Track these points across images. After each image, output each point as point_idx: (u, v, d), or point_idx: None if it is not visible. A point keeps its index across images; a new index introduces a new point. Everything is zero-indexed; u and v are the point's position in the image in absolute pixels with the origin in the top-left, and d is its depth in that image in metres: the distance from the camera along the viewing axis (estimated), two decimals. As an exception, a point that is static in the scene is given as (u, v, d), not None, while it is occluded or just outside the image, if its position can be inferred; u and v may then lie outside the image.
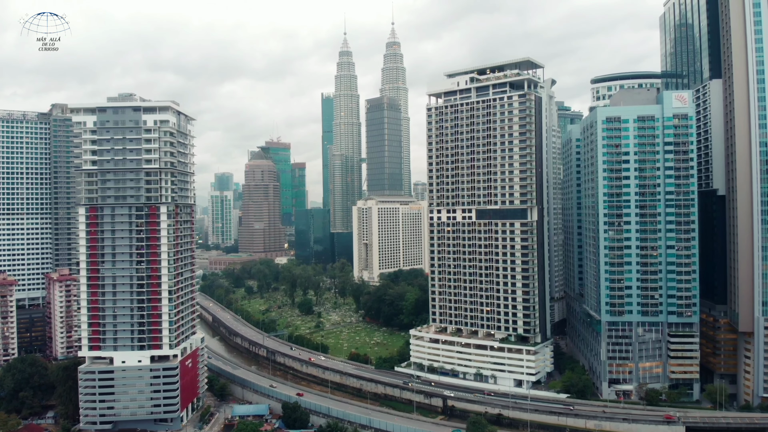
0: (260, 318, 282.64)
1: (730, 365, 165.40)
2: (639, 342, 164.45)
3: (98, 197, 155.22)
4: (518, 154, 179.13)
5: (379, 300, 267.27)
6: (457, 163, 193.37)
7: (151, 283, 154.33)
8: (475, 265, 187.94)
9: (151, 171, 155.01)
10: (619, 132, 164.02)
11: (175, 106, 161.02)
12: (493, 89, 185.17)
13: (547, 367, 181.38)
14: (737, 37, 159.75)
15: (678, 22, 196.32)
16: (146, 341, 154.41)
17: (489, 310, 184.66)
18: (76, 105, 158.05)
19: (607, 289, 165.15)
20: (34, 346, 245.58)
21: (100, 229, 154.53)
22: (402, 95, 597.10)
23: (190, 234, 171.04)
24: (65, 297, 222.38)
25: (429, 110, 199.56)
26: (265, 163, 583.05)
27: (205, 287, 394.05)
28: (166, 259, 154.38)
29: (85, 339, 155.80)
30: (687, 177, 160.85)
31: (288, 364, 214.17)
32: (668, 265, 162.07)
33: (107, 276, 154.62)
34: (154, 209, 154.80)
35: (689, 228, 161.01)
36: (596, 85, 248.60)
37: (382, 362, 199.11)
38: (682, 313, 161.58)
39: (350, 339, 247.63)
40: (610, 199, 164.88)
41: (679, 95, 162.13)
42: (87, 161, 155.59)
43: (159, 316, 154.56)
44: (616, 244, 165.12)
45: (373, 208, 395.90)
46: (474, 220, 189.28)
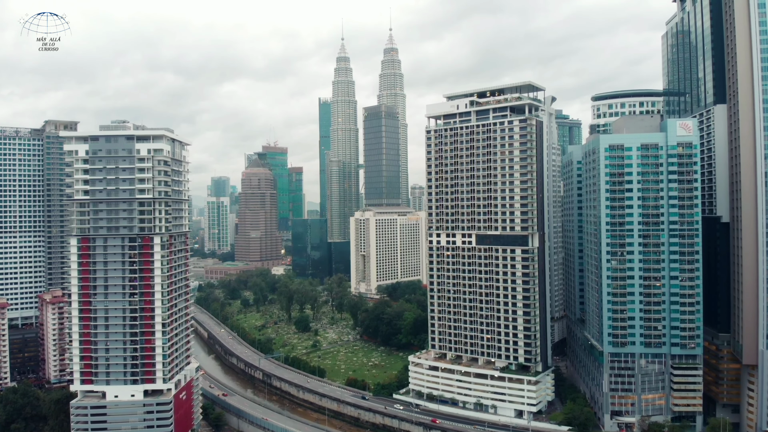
0: (256, 336, 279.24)
1: (733, 395, 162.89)
2: (642, 374, 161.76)
3: (90, 227, 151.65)
4: (519, 180, 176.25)
5: (377, 318, 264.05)
6: (456, 187, 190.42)
7: (145, 315, 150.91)
8: (475, 291, 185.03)
9: (145, 201, 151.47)
10: (622, 160, 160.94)
11: (169, 134, 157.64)
12: (494, 113, 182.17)
13: (548, 396, 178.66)
14: (743, 63, 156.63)
15: (681, 42, 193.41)
16: (139, 375, 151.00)
17: (489, 338, 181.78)
18: (68, 134, 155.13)
19: (609, 320, 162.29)
20: (27, 368, 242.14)
21: (93, 260, 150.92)
22: (400, 101, 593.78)
23: (184, 263, 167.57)
24: (58, 319, 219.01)
25: (428, 132, 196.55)
26: (261, 171, 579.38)
27: (200, 299, 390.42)
28: (160, 291, 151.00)
29: (77, 372, 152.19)
30: (691, 207, 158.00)
31: (284, 389, 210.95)
32: (672, 296, 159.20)
33: (99, 308, 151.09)
34: (148, 240, 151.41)
35: (693, 259, 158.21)
36: (597, 102, 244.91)
37: (380, 389, 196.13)
38: (686, 345, 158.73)
39: (347, 360, 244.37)
40: (612, 228, 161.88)
41: (684, 123, 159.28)
42: (79, 191, 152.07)
43: (152, 350, 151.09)
44: (619, 274, 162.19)
45: (371, 219, 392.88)
46: (474, 245, 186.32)
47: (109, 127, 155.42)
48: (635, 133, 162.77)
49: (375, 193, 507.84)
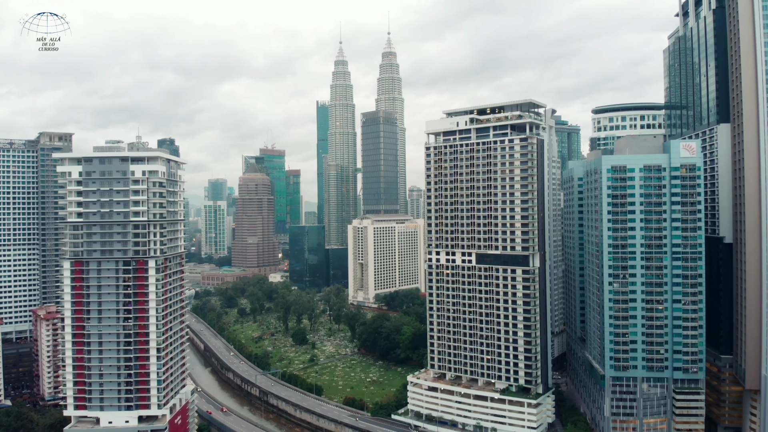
0: (253, 349, 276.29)
1: (735, 417, 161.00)
2: (644, 398, 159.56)
3: (84, 251, 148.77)
4: (520, 200, 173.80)
5: (375, 332, 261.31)
6: (456, 205, 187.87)
7: (139, 340, 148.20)
8: (475, 311, 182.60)
9: (139, 224, 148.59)
10: (625, 182, 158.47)
11: (164, 154, 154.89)
12: (494, 131, 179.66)
13: (548, 418, 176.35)
14: (748, 81, 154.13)
15: (684, 58, 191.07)
16: (134, 401, 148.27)
17: (489, 359, 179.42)
18: (61, 155, 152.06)
19: (611, 343, 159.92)
20: (22, 383, 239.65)
21: (86, 284, 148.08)
22: (398, 106, 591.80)
23: (180, 284, 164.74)
24: (52, 336, 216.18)
25: (427, 149, 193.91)
26: (259, 177, 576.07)
27: (197, 308, 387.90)
28: (155, 315, 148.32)
29: (71, 398, 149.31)
30: (695, 229, 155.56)
31: (281, 407, 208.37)
32: (674, 319, 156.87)
33: (93, 333, 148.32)
34: (143, 263, 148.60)
35: (696, 282, 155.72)
36: (598, 115, 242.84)
37: (379, 409, 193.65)
38: (688, 369, 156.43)
39: (345, 375, 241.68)
40: (615, 250, 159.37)
41: (687, 144, 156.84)
42: (72, 213, 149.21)
43: (147, 375, 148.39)
44: (621, 297, 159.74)
45: (369, 227, 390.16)
46: (474, 264, 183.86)
47: (103, 148, 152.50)
48: (638, 154, 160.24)
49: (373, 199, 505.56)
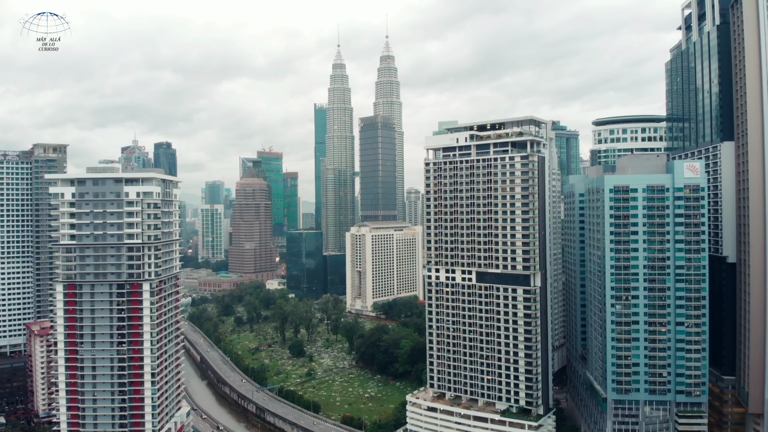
0: (250, 362, 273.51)
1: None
2: (646, 421, 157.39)
3: (77, 273, 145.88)
4: (521, 218, 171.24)
5: (373, 345, 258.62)
6: (456, 222, 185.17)
7: (133, 365, 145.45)
8: (475, 330, 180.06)
9: (134, 246, 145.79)
10: (628, 202, 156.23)
11: (159, 175, 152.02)
12: (494, 148, 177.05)
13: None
14: (753, 100, 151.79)
15: (686, 74, 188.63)
16: (128, 426, 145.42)
17: (489, 379, 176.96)
18: (54, 176, 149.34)
19: (613, 365, 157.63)
20: (16, 398, 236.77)
21: (79, 307, 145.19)
22: (396, 110, 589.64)
23: (175, 306, 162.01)
24: (46, 352, 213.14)
25: (427, 165, 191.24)
26: (256, 182, 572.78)
27: (193, 316, 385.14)
28: (149, 339, 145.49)
29: (64, 423, 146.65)
30: (698, 251, 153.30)
31: (278, 425, 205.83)
32: (677, 342, 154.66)
33: (86, 357, 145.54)
34: (137, 287, 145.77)
35: (700, 304, 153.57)
36: (598, 127, 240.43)
37: (377, 428, 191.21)
38: (691, 393, 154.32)
39: (343, 390, 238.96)
40: (617, 272, 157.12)
41: (691, 165, 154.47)
42: (65, 235, 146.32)
43: (141, 400, 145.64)
44: (624, 319, 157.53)
45: (367, 235, 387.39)
46: (474, 282, 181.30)
47: (96, 169, 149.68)
48: (641, 174, 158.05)
49: (371, 204, 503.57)
